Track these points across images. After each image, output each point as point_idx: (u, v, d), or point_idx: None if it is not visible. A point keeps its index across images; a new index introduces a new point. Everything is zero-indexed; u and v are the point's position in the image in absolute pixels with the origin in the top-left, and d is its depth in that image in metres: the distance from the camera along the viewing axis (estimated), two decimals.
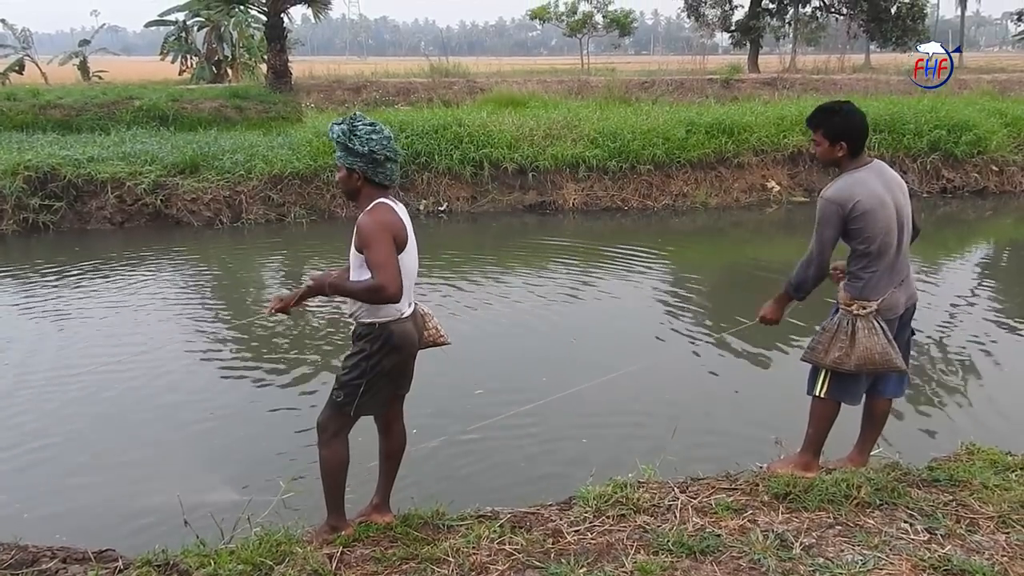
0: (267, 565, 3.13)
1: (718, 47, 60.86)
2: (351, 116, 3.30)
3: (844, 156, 3.75)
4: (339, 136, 3.23)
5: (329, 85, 21.15)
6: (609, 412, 5.60)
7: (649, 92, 21.15)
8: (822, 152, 3.81)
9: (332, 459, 3.45)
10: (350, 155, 3.23)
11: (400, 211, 3.32)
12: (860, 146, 3.77)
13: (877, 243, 3.69)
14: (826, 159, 3.83)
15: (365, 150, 3.20)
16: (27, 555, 3.28)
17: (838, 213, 3.66)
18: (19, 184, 11.97)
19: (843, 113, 3.75)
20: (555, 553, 3.20)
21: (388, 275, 3.08)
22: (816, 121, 3.80)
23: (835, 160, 3.79)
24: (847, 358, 3.75)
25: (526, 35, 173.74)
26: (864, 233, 3.67)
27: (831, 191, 3.72)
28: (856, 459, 4.15)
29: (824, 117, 3.78)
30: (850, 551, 3.14)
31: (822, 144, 3.78)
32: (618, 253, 10.88)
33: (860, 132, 3.76)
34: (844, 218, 3.66)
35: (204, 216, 12.62)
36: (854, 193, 3.65)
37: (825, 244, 3.75)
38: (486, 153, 13.93)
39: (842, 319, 3.81)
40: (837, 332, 3.80)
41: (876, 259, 3.72)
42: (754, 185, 14.84)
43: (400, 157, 3.36)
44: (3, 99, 17.30)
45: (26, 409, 5.89)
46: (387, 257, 3.12)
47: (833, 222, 3.68)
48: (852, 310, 3.78)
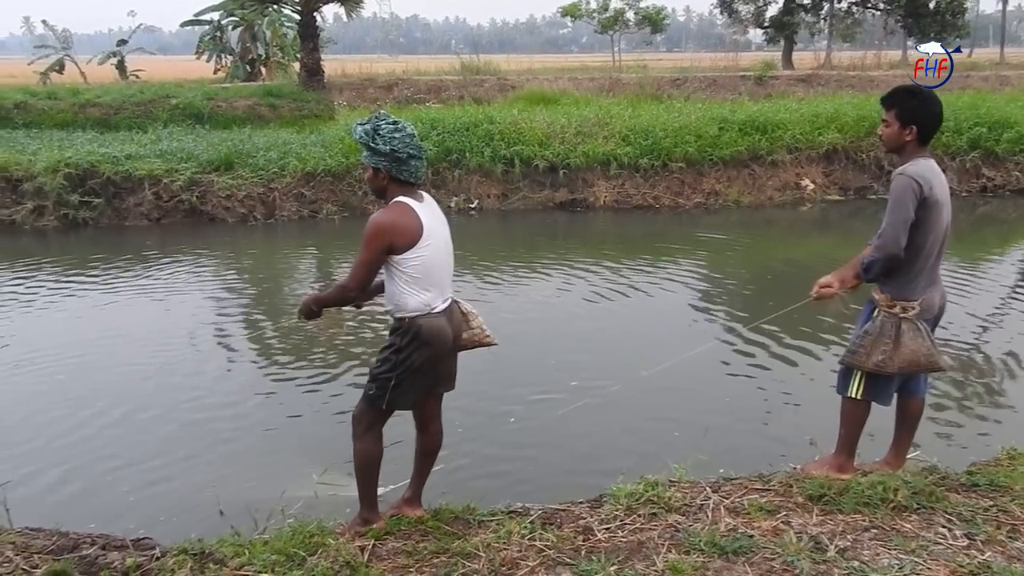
0: (300, 556, 3.16)
1: (751, 44, 60.19)
2: (374, 116, 3.32)
3: (911, 142, 3.61)
4: (362, 136, 3.26)
5: (361, 83, 21.30)
6: (640, 411, 5.58)
7: (681, 89, 21.02)
8: (889, 135, 3.67)
9: (365, 452, 3.47)
10: (374, 154, 3.26)
11: (419, 208, 3.29)
12: (930, 135, 3.64)
13: (931, 239, 3.58)
14: (891, 143, 3.69)
15: (388, 149, 3.22)
16: (68, 541, 3.35)
17: (916, 192, 3.49)
18: (60, 181, 12.21)
19: (921, 97, 3.62)
20: (586, 550, 3.20)
21: (353, 278, 3.33)
22: (891, 100, 3.66)
23: (901, 144, 3.64)
24: (891, 361, 3.65)
25: (557, 33, 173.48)
26: (926, 224, 3.54)
27: (912, 168, 3.54)
28: (892, 462, 4.07)
29: (900, 97, 3.64)
30: (886, 555, 3.09)
31: (892, 125, 3.64)
32: (649, 251, 10.82)
33: (933, 120, 3.62)
34: (919, 200, 3.50)
35: (238, 213, 12.77)
36: (931, 179, 3.52)
37: (899, 225, 3.52)
38: (517, 151, 13.93)
39: (885, 321, 3.69)
40: (880, 335, 3.68)
41: (923, 256, 3.61)
42: (788, 183, 14.67)
43: (424, 154, 3.37)
44: (44, 98, 17.68)
45: (55, 403, 5.99)
46: (361, 263, 3.30)
47: (911, 202, 3.49)
48: (896, 312, 3.67)
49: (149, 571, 3.11)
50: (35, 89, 19.57)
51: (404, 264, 3.25)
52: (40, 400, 6.01)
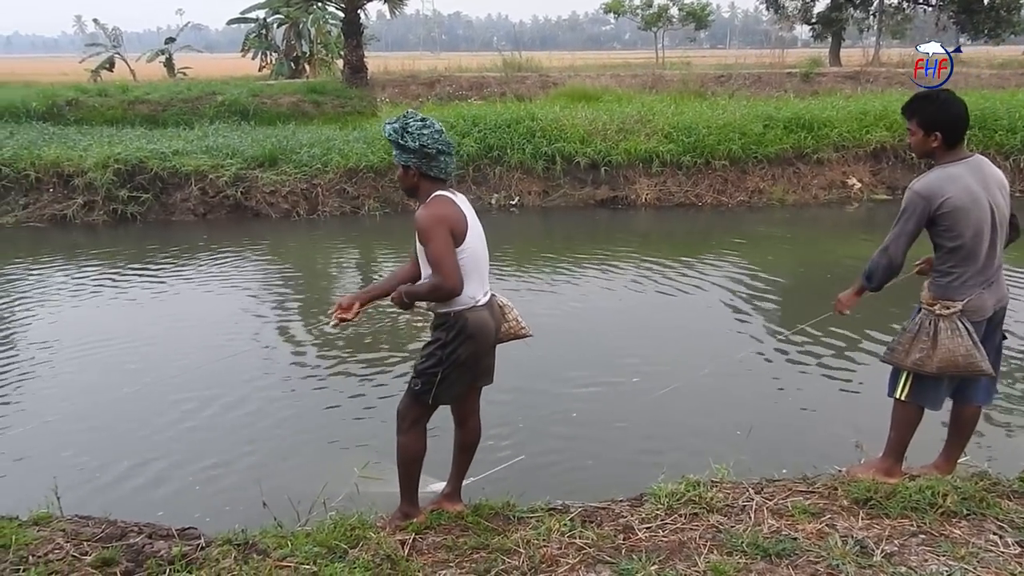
0: (341, 548, 3.19)
1: (797, 40, 59.35)
2: (404, 114, 3.35)
3: (938, 147, 3.57)
4: (392, 134, 3.29)
5: (403, 80, 21.44)
6: (681, 411, 5.53)
7: (725, 86, 20.79)
8: (915, 143, 3.65)
9: (409, 447, 3.50)
10: (404, 152, 3.29)
11: (459, 201, 3.35)
12: (957, 138, 3.57)
13: (966, 242, 3.51)
14: (920, 150, 3.66)
15: (416, 145, 3.24)
16: (116, 529, 3.42)
17: (923, 208, 3.49)
18: (109, 176, 12.50)
19: (939, 101, 3.58)
20: (626, 549, 3.18)
21: (445, 270, 3.18)
22: (911, 109, 3.64)
23: (929, 151, 3.61)
24: (928, 360, 3.60)
25: (599, 29, 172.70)
26: (953, 231, 3.50)
27: (920, 184, 3.54)
28: (942, 466, 3.98)
29: (919, 105, 3.62)
30: (934, 561, 3.02)
31: (916, 134, 3.61)
32: (691, 250, 10.72)
33: (956, 122, 3.56)
34: (930, 214, 3.49)
35: (282, 208, 12.94)
36: (944, 189, 3.48)
37: (901, 236, 3.57)
38: (558, 147, 13.90)
39: (924, 319, 3.65)
40: (919, 333, 3.64)
41: (965, 259, 3.54)
42: (834, 182, 14.42)
43: (454, 150, 3.38)
44: (95, 95, 18.09)
45: (100, 401, 6.12)
46: (443, 252, 3.19)
47: (916, 216, 3.52)
48: (935, 310, 3.62)
49: (194, 560, 3.16)
50: (86, 86, 20.05)
51: None
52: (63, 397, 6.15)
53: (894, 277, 3.72)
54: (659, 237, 12.17)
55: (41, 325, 7.75)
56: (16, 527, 3.40)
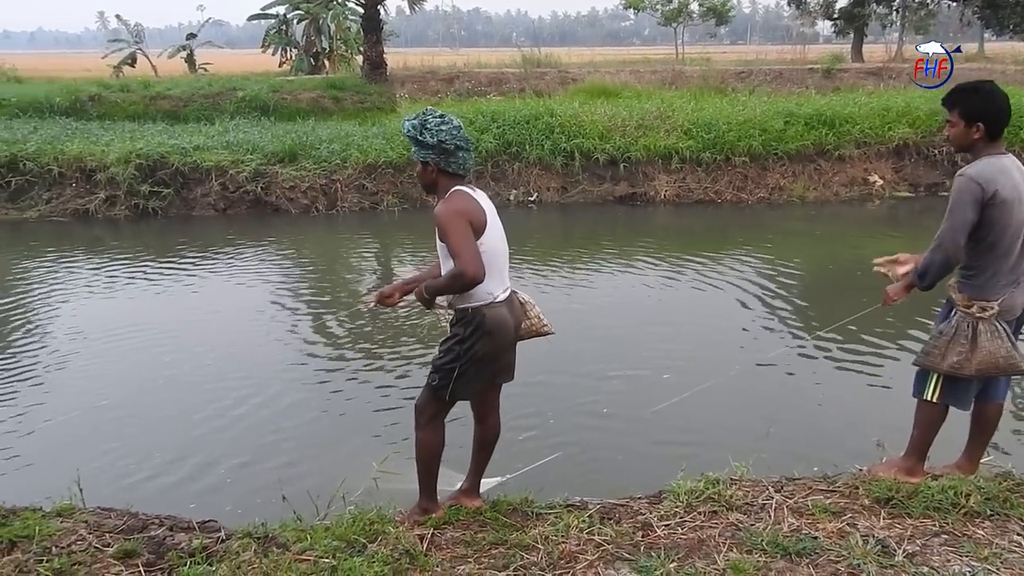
0: (360, 543, 3.20)
1: (819, 36, 58.88)
2: (423, 111, 3.36)
3: (980, 139, 3.48)
4: (410, 131, 3.30)
5: (423, 76, 21.45)
6: (701, 409, 5.49)
7: (746, 82, 20.64)
8: (956, 134, 3.56)
9: (427, 443, 3.50)
10: (423, 148, 3.30)
11: (478, 196, 3.35)
12: (999, 130, 3.50)
13: (1006, 239, 3.43)
14: (960, 143, 3.57)
15: (434, 141, 3.25)
16: (137, 522, 3.46)
17: (977, 195, 3.37)
18: (131, 171, 12.60)
19: (983, 92, 3.50)
20: (645, 546, 3.16)
21: (465, 259, 3.14)
22: (953, 100, 3.55)
23: (970, 143, 3.52)
24: (967, 363, 3.52)
25: (619, 25, 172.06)
26: (996, 225, 3.41)
27: (973, 170, 3.42)
28: (965, 466, 3.93)
29: (962, 95, 3.53)
30: (957, 561, 2.99)
31: (957, 125, 3.53)
32: (710, 247, 10.66)
33: (1000, 114, 3.49)
34: (982, 203, 3.38)
35: (301, 204, 13.00)
36: (997, 179, 3.38)
37: (958, 228, 3.43)
38: (577, 143, 13.87)
39: (961, 322, 3.56)
40: (956, 335, 3.55)
41: (1000, 257, 3.46)
42: (855, 179, 14.31)
43: (472, 146, 3.38)
44: (117, 90, 18.25)
45: (124, 394, 6.18)
46: (463, 242, 3.17)
47: (970, 204, 3.38)
48: (972, 312, 3.53)
49: (214, 553, 3.18)
50: (108, 82, 20.23)
51: None
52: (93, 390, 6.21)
53: (948, 273, 3.61)
54: (679, 234, 12.12)
55: (66, 317, 7.85)
56: (40, 518, 3.44)
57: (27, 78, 22.44)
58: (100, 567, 3.08)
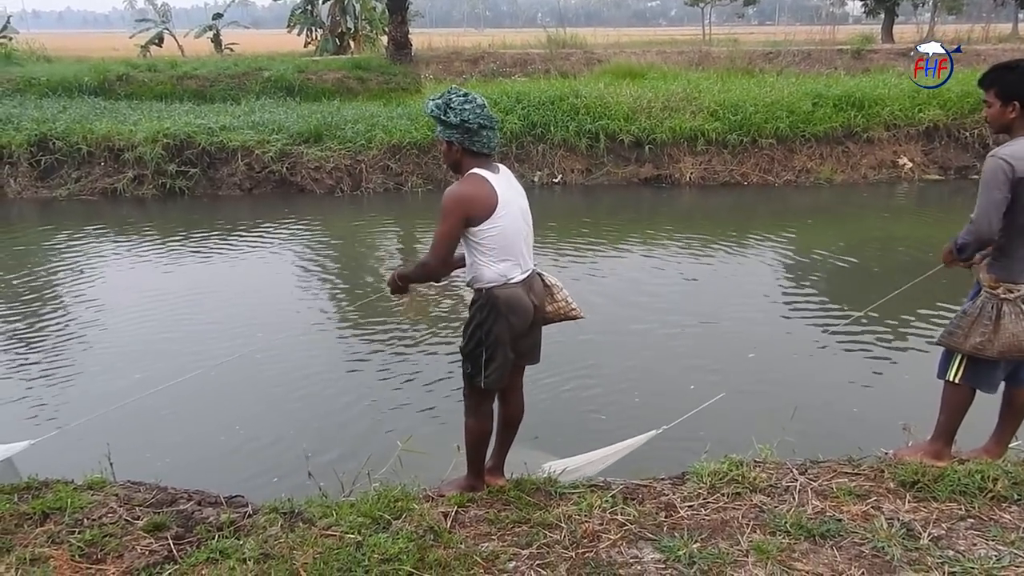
0: (385, 519, 3.23)
1: (848, 16, 57.88)
2: (447, 91, 3.34)
3: (1017, 118, 3.44)
4: (434, 110, 3.29)
5: (447, 56, 21.36)
6: (726, 391, 5.47)
7: (774, 63, 20.36)
8: (992, 114, 3.52)
9: (473, 430, 3.58)
10: (447, 128, 3.28)
11: (493, 179, 3.29)
12: None
13: None
14: (997, 123, 3.53)
15: (458, 120, 3.23)
16: (166, 496, 3.52)
17: (1008, 174, 3.33)
18: (158, 151, 12.71)
19: (1019, 71, 3.44)
20: (668, 526, 3.17)
21: (435, 253, 3.28)
22: (989, 80, 3.51)
23: (1007, 123, 3.48)
24: (989, 344, 3.51)
25: (645, 6, 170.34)
26: None
27: (1006, 150, 3.39)
28: (992, 450, 3.90)
29: (997, 75, 3.49)
30: (983, 546, 2.97)
31: (993, 105, 3.49)
32: (736, 230, 10.58)
33: None
34: (1013, 182, 3.34)
35: (326, 184, 13.05)
36: None
37: (991, 207, 3.39)
38: (602, 125, 13.79)
39: (986, 303, 3.55)
40: (980, 316, 3.54)
41: None
42: (884, 161, 14.10)
43: (497, 124, 3.37)
44: (145, 70, 18.35)
45: (150, 377, 6.26)
46: (442, 236, 3.25)
47: (1001, 184, 3.35)
48: (998, 293, 3.51)
49: (242, 527, 3.24)
50: (136, 62, 20.34)
51: (481, 235, 3.26)
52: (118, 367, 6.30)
53: (985, 249, 3.59)
54: (703, 217, 12.03)
55: (98, 292, 7.97)
56: (71, 491, 3.51)
57: (56, 57, 22.61)
58: (130, 539, 3.14)
